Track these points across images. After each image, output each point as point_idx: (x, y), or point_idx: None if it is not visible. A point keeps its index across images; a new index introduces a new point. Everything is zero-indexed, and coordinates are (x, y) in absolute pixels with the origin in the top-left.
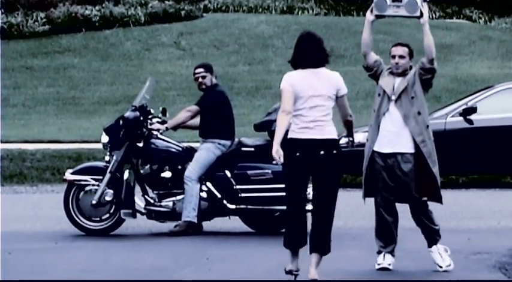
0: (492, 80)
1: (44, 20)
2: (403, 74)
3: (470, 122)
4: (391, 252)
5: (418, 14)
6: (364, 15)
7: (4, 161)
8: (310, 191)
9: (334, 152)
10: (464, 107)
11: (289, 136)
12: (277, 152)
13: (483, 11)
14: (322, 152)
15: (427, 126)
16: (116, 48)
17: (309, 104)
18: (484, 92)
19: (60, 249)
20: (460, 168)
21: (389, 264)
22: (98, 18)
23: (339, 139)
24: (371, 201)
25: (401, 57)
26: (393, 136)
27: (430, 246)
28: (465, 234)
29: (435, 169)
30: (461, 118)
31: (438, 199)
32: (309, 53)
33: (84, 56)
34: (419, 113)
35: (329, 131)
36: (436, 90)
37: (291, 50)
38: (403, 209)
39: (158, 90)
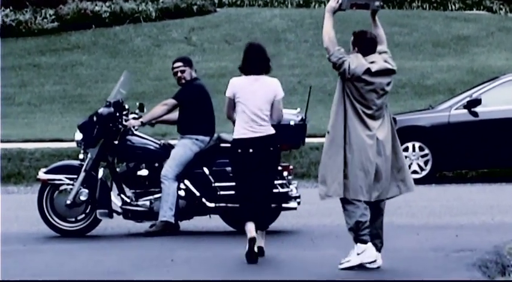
0: (509, 71)
1: (53, 16)
2: None
3: (474, 114)
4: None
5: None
6: (383, 7)
7: (3, 160)
8: (293, 187)
9: (271, 148)
10: (468, 99)
11: (234, 137)
12: None
13: (504, 1)
14: (262, 149)
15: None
16: (125, 44)
17: (248, 106)
18: (489, 84)
19: (24, 252)
20: (464, 161)
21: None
22: (108, 14)
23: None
24: None
25: None
26: None
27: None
28: (454, 231)
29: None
30: (465, 110)
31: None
32: (254, 62)
33: (92, 53)
34: None
35: (266, 129)
36: (451, 82)
37: (305, 44)
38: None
39: (167, 86)
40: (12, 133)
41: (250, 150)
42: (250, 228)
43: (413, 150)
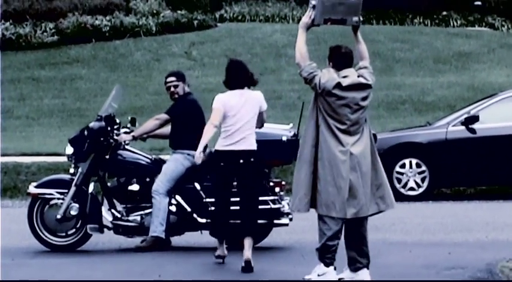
0: (510, 88)
1: (53, 30)
2: None
3: (472, 131)
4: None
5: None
6: (385, 23)
7: None
8: (285, 203)
9: (252, 159)
10: (466, 115)
11: (216, 148)
12: (200, 155)
13: (506, 18)
14: (242, 161)
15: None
16: (125, 58)
17: (235, 120)
18: (487, 101)
19: (10, 266)
20: (462, 178)
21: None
22: (108, 28)
23: None
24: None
25: None
26: None
27: None
28: (447, 248)
29: None
30: (463, 127)
31: None
32: (236, 77)
33: (92, 67)
34: None
35: (251, 143)
36: (451, 99)
37: None
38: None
39: (166, 101)
40: (9, 146)
41: (232, 162)
42: (246, 247)
43: (410, 166)
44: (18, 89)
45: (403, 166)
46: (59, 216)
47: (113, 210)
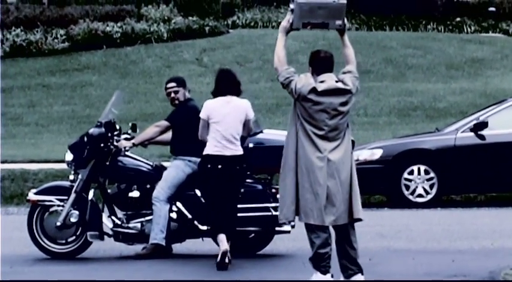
0: None
1: (64, 37)
2: None
3: (481, 137)
4: None
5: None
6: (398, 29)
7: (5, 181)
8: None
9: (237, 167)
10: (475, 122)
11: (204, 153)
12: None
13: None
14: (237, 167)
15: None
16: (136, 65)
17: (223, 127)
18: (496, 107)
19: (8, 274)
20: (470, 185)
21: None
22: (119, 35)
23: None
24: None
25: None
26: None
27: None
28: (451, 256)
29: None
30: (472, 133)
31: None
32: (224, 85)
33: (103, 74)
34: None
35: (237, 149)
36: (463, 105)
37: None
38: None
39: None
40: (17, 153)
41: (219, 166)
42: (223, 239)
43: (419, 173)
44: (28, 95)
45: (411, 173)
46: (58, 223)
47: (113, 217)
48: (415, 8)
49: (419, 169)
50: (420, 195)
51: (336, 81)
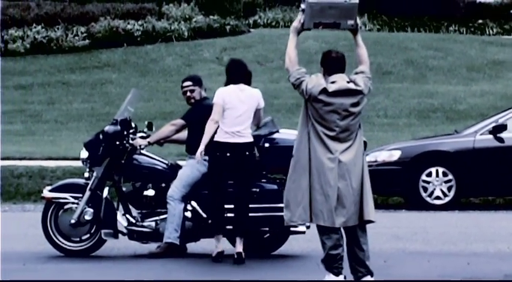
0: None
1: (85, 34)
2: None
3: (500, 140)
4: None
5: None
6: (419, 31)
7: (23, 178)
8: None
9: (247, 153)
10: (494, 124)
11: (215, 139)
12: (201, 154)
13: None
14: (247, 153)
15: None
16: (156, 63)
17: (236, 114)
18: None
19: (20, 271)
20: (489, 188)
21: None
22: (140, 33)
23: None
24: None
25: None
26: None
27: None
28: (466, 258)
29: None
30: (491, 136)
31: None
32: (236, 74)
33: (123, 72)
34: None
35: (247, 136)
36: (483, 107)
37: None
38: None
39: None
40: (36, 150)
41: (228, 154)
42: (220, 241)
43: (437, 175)
44: (48, 92)
45: (429, 175)
46: (73, 221)
47: (127, 216)
48: (437, 10)
49: (437, 171)
50: (438, 198)
51: (348, 82)
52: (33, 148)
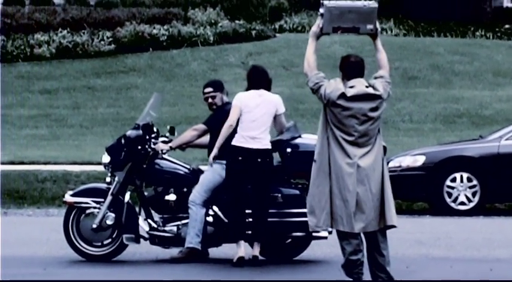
0: None
1: (110, 39)
2: None
3: None
4: None
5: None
6: (446, 36)
7: (47, 182)
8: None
9: (268, 159)
10: None
11: (233, 143)
12: (214, 157)
13: None
14: (259, 160)
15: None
16: (181, 68)
17: (252, 118)
18: None
19: (40, 275)
20: None
21: None
22: (165, 37)
23: (388, 162)
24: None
25: None
26: None
27: None
28: (489, 264)
29: None
30: None
31: None
32: (257, 79)
33: (148, 76)
34: None
35: (265, 142)
36: (509, 113)
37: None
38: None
39: None
40: (60, 155)
41: (240, 158)
42: (242, 247)
43: (461, 181)
44: (73, 97)
45: (453, 180)
46: (94, 226)
47: (149, 220)
48: (464, 15)
49: (461, 176)
50: (462, 203)
51: (366, 86)
52: (57, 153)
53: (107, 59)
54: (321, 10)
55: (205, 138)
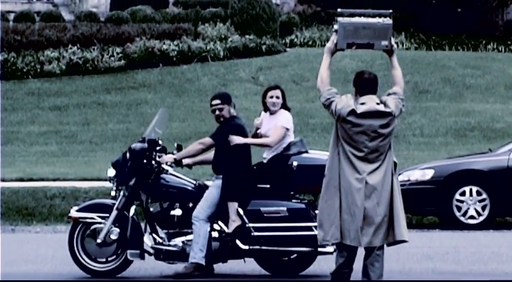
0: None
1: (120, 55)
2: None
3: None
4: None
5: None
6: (457, 49)
7: (56, 199)
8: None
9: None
10: None
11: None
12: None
13: None
14: None
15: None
16: (192, 83)
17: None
18: None
19: None
20: None
21: None
22: (175, 53)
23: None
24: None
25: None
26: None
27: None
28: (497, 278)
29: None
30: None
31: None
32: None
33: (158, 92)
34: None
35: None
36: None
37: None
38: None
39: None
40: (70, 171)
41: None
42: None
43: (471, 194)
44: (83, 113)
45: (463, 194)
46: (99, 241)
47: (154, 235)
48: (475, 28)
49: (471, 190)
50: (472, 217)
51: (378, 103)
52: (67, 169)
53: (117, 75)
54: (335, 26)
55: (210, 155)
